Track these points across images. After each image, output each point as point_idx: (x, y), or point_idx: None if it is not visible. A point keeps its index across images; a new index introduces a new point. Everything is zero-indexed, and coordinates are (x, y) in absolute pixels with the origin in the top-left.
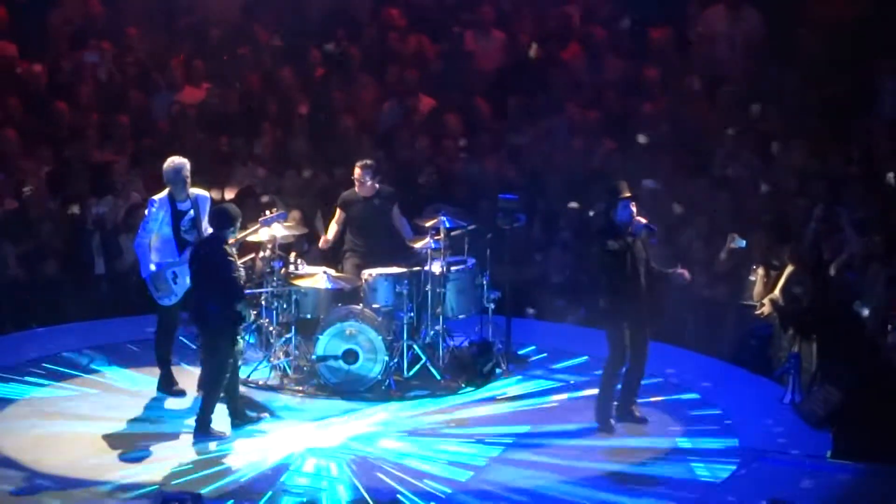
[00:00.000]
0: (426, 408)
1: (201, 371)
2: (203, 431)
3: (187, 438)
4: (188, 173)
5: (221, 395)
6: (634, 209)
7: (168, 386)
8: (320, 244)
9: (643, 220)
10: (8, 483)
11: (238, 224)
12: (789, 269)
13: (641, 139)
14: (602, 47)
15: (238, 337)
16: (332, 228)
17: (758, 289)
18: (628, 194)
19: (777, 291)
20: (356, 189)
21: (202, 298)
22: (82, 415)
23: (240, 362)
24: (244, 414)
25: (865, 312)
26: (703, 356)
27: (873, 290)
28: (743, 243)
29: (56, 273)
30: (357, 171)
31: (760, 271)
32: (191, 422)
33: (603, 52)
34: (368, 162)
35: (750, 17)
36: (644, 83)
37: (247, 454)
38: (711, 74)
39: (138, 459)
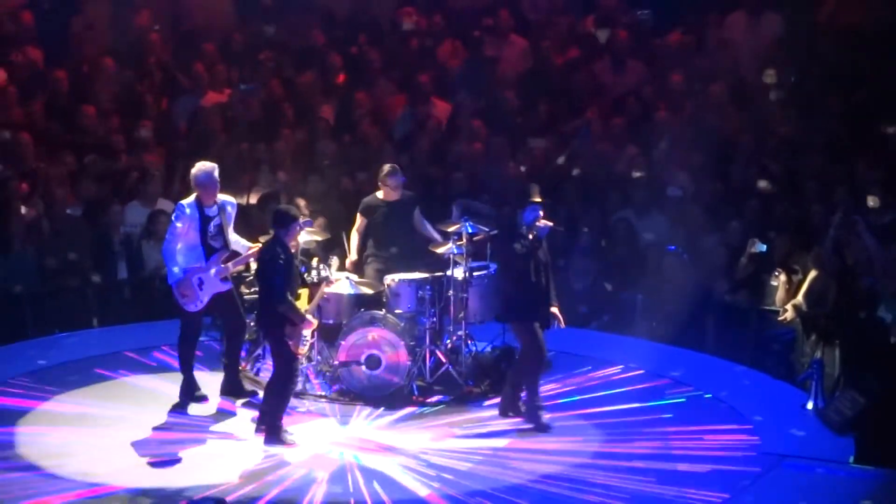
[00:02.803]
0: (447, 414)
1: (224, 377)
2: (272, 438)
3: (211, 444)
4: (217, 178)
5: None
6: (541, 214)
7: (191, 391)
8: (347, 266)
9: (549, 223)
10: (31, 489)
11: (292, 226)
12: (812, 274)
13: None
14: (624, 53)
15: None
16: (354, 239)
17: (780, 294)
18: (538, 200)
19: (800, 297)
20: (379, 194)
21: (259, 300)
22: (105, 420)
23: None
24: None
25: (888, 318)
26: (725, 361)
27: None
28: (763, 248)
29: (78, 278)
30: (383, 176)
31: (783, 277)
32: (216, 427)
33: (625, 57)
34: (394, 166)
35: (771, 23)
36: (666, 89)
37: (269, 460)
38: (732, 80)
39: (161, 465)
